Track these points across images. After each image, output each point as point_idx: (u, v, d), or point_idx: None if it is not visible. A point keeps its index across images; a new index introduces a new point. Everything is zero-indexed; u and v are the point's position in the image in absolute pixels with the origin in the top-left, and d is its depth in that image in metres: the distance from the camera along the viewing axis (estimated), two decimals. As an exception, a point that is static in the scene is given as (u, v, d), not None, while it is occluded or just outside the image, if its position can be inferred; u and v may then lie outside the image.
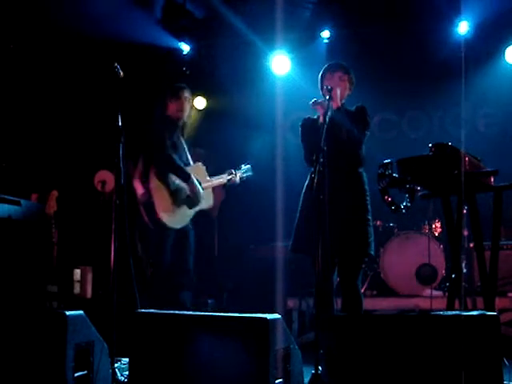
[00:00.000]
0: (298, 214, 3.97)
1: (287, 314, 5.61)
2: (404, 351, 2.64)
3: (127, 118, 3.59)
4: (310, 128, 3.96)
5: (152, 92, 5.97)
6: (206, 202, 4.70)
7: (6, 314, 3.29)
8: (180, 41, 7.18)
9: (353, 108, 4.02)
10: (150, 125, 4.73)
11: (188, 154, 4.76)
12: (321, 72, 4.10)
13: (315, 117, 4.02)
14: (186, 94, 4.78)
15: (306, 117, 4.09)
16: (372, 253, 3.87)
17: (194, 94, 4.79)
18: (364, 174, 3.97)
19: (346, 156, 3.88)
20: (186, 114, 4.78)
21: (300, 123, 4.08)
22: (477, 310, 3.98)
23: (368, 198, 3.91)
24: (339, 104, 3.94)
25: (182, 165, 4.60)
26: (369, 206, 3.89)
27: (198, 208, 4.62)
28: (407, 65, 6.94)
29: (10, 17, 5.83)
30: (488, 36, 6.66)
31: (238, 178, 4.94)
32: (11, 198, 4.92)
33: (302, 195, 3.98)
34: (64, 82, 6.56)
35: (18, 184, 5.44)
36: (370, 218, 3.87)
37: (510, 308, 5.37)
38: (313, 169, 3.75)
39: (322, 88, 4.05)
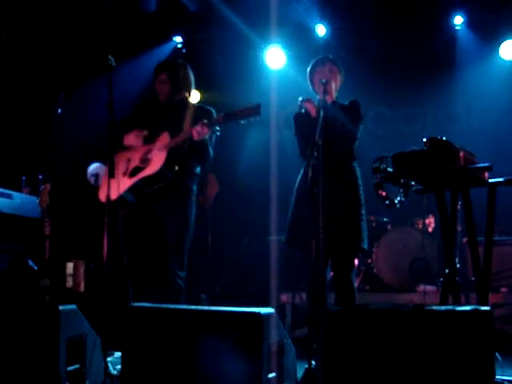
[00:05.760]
0: (291, 208, 3.96)
1: (281, 309, 5.62)
2: (397, 345, 2.63)
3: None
4: (303, 122, 3.95)
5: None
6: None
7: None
8: (174, 34, 7.16)
9: (346, 102, 4.01)
10: None
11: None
12: (309, 67, 4.07)
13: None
14: (158, 75, 4.31)
15: (299, 111, 4.07)
16: (365, 247, 3.87)
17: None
18: (357, 168, 3.97)
19: (340, 150, 3.88)
20: (165, 94, 4.29)
21: (293, 117, 4.07)
22: (470, 305, 3.99)
23: (361, 193, 3.91)
24: (334, 98, 3.93)
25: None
26: (362, 201, 3.89)
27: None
28: (402, 59, 6.95)
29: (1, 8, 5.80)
30: (483, 31, 6.67)
31: None
32: (2, 190, 4.89)
33: (296, 189, 3.97)
34: (56, 71, 6.53)
35: (9, 176, 5.41)
36: (363, 212, 3.87)
37: (503, 303, 5.39)
38: (306, 163, 3.74)
39: (312, 83, 4.03)
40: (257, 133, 7.00)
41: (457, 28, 6.80)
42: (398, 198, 3.60)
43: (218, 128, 4.04)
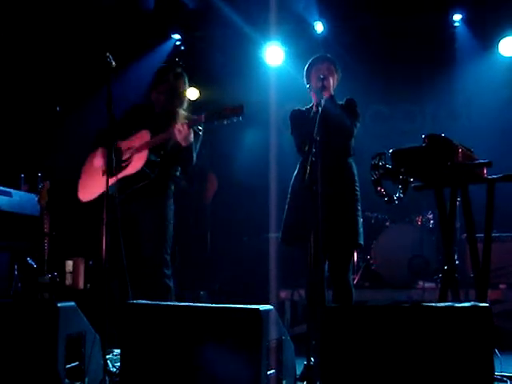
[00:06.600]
0: (287, 205, 3.96)
1: (280, 305, 5.62)
2: (396, 342, 2.64)
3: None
4: (299, 119, 3.96)
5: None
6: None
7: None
8: (173, 31, 7.16)
9: (342, 101, 4.01)
10: None
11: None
12: (307, 65, 4.07)
13: (303, 108, 4.02)
14: (157, 85, 4.19)
15: (296, 108, 4.08)
16: (362, 243, 3.87)
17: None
18: (354, 165, 3.97)
19: (338, 146, 3.88)
20: (160, 104, 4.17)
21: (289, 116, 4.07)
22: (469, 301, 4.00)
23: (358, 189, 3.92)
24: (332, 94, 3.93)
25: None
26: (358, 196, 3.90)
27: None
28: (401, 57, 6.94)
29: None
30: (481, 28, 6.67)
31: None
32: (1, 188, 4.89)
33: (291, 185, 3.97)
34: (55, 69, 6.53)
35: (8, 174, 5.41)
36: (359, 208, 3.88)
37: (502, 299, 5.40)
38: (302, 159, 3.75)
39: (309, 80, 4.02)
40: (255, 130, 7.00)
41: (455, 25, 6.81)
42: (397, 195, 3.60)
43: (200, 128, 3.99)
